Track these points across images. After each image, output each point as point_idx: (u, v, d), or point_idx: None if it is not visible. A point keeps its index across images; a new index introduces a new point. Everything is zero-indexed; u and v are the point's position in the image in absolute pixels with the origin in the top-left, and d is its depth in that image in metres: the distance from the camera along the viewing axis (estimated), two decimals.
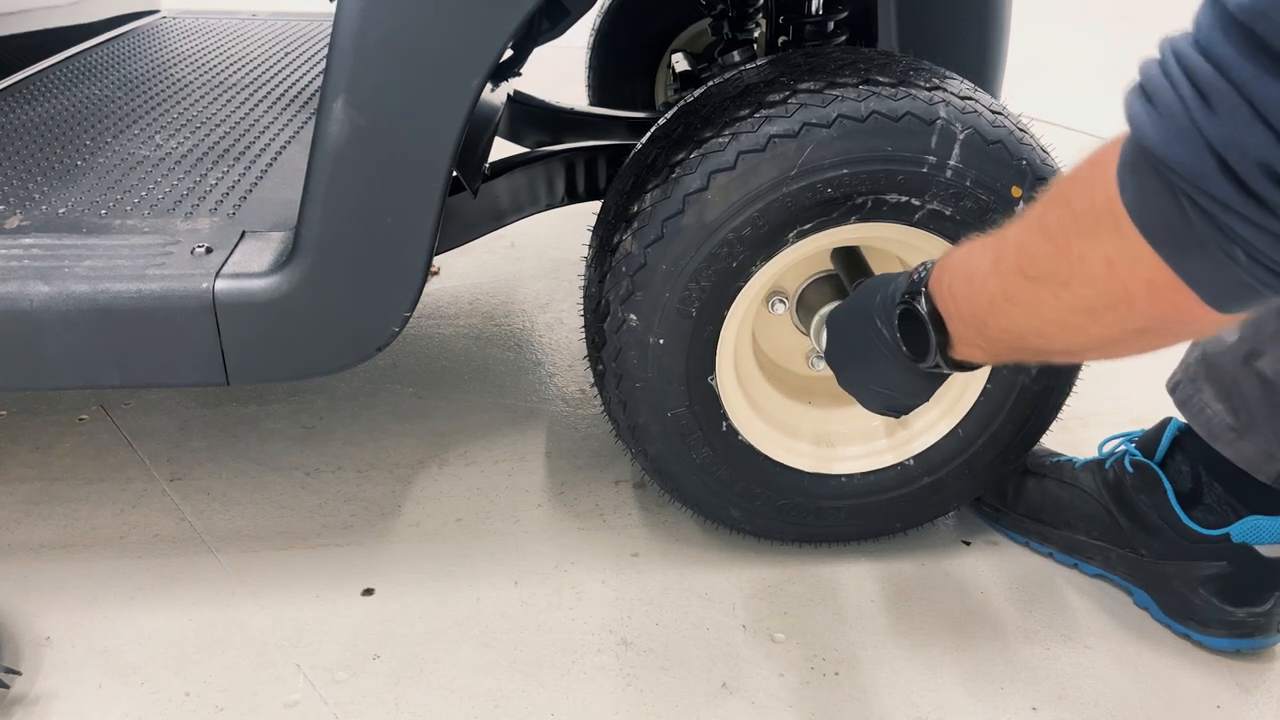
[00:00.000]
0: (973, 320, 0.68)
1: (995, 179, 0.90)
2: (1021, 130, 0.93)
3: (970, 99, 0.91)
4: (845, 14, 1.20)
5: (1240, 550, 0.94)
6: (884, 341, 0.77)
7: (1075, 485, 1.07)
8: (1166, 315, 0.52)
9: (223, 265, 0.90)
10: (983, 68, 1.25)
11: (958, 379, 1.03)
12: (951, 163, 0.88)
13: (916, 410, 0.90)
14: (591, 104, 1.88)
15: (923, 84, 0.91)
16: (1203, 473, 0.98)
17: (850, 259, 1.03)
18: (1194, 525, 0.97)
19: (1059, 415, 1.05)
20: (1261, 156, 0.43)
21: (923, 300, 0.72)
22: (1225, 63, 0.44)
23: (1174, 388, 1.01)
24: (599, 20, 1.85)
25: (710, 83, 1.03)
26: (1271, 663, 0.98)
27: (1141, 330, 0.55)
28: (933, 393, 0.81)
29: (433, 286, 1.73)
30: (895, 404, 0.83)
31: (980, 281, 0.66)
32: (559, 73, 2.08)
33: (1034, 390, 1.01)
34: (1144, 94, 0.49)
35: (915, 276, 0.75)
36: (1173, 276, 0.50)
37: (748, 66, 1.02)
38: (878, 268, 1.06)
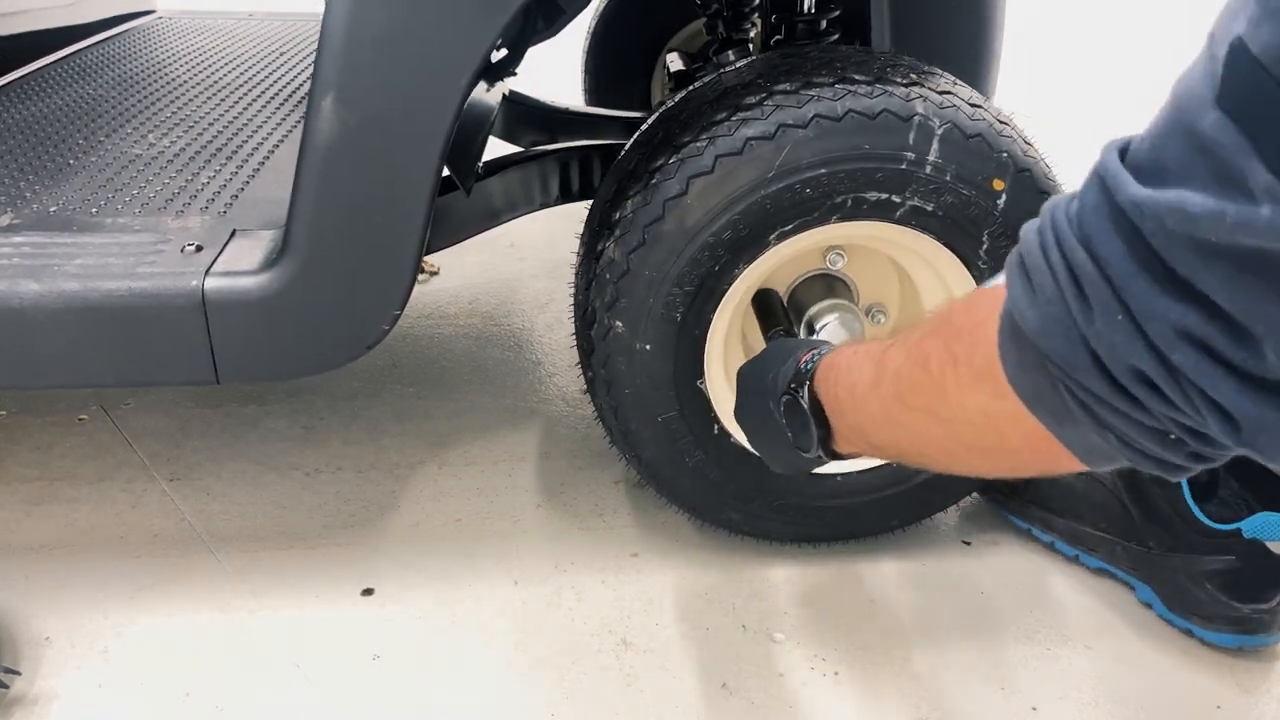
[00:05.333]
0: (856, 428, 0.69)
1: (976, 173, 0.89)
2: (1002, 123, 0.92)
3: (948, 93, 0.91)
4: (838, 13, 1.20)
5: (1250, 546, 0.94)
6: (775, 420, 0.78)
7: (1089, 473, 1.07)
8: (1042, 461, 0.53)
9: (213, 263, 0.90)
10: (976, 65, 1.24)
11: None
12: (930, 158, 0.88)
13: None
14: (587, 104, 1.88)
15: (899, 80, 0.90)
16: (1220, 468, 0.97)
17: (765, 304, 1.02)
18: (1206, 519, 0.96)
19: None
20: (1132, 360, 0.43)
21: (805, 395, 0.73)
22: (1105, 258, 0.43)
23: None
24: (594, 20, 1.85)
25: (691, 86, 1.03)
26: (1272, 663, 0.97)
27: (1017, 466, 0.59)
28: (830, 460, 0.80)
29: (433, 286, 1.73)
30: (795, 470, 0.84)
31: (861, 396, 0.67)
32: (555, 72, 2.07)
33: None
34: (1023, 270, 0.48)
35: (802, 365, 0.75)
36: (1049, 435, 0.50)
37: (726, 69, 1.02)
38: (868, 268, 1.05)
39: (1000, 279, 0.52)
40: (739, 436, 1.02)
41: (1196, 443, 0.45)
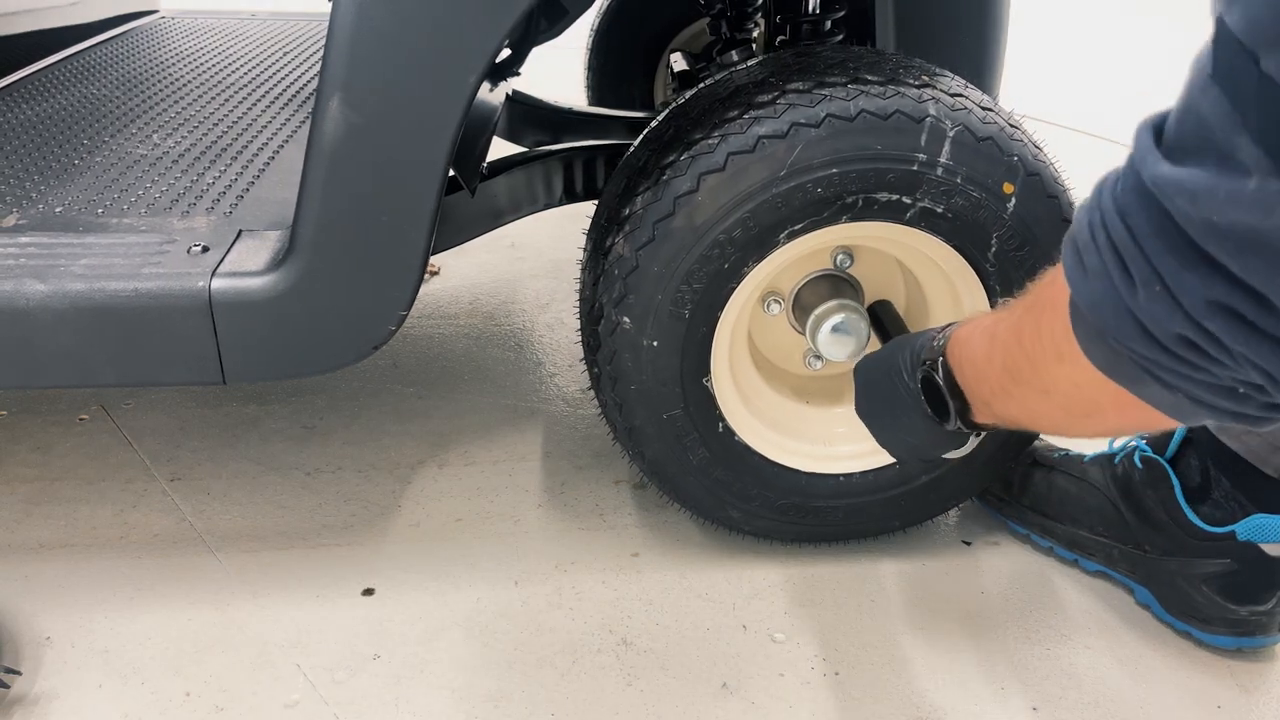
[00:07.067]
0: (980, 399, 0.71)
1: (986, 176, 0.90)
2: (1013, 126, 0.93)
3: (960, 96, 0.91)
4: (842, 13, 1.20)
5: (1245, 548, 0.94)
6: (910, 397, 0.78)
7: (1083, 479, 1.07)
8: (1139, 421, 0.54)
9: (219, 264, 0.90)
10: (980, 66, 1.25)
11: None
12: (942, 160, 0.88)
13: None
14: (591, 104, 1.88)
15: (912, 82, 0.90)
16: (1211, 467, 0.98)
17: (883, 316, 1.03)
18: (1199, 522, 0.96)
19: None
20: (1175, 329, 0.45)
21: (940, 369, 0.74)
22: (1140, 233, 0.45)
23: None
24: (598, 20, 1.85)
25: (701, 84, 1.03)
26: (1272, 663, 0.97)
27: (1121, 428, 0.59)
28: (961, 444, 0.81)
29: (433, 286, 1.73)
30: (924, 454, 0.84)
31: (981, 369, 0.68)
32: (558, 73, 2.08)
33: None
34: (1075, 247, 0.50)
35: (935, 342, 0.76)
36: (1135, 398, 0.51)
37: (738, 67, 1.02)
38: (875, 269, 1.06)
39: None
40: (743, 434, 1.02)
41: (1263, 395, 0.45)
